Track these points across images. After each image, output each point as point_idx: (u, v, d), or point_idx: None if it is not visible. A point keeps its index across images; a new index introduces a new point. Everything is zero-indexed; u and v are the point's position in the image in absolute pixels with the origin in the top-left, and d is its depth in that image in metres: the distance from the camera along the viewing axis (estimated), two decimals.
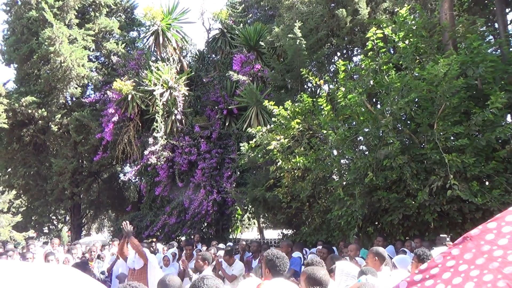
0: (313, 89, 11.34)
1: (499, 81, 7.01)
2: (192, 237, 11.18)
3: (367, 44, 7.79)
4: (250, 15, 15.10)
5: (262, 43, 11.77)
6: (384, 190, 7.40)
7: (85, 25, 15.74)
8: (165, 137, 12.41)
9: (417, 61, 7.64)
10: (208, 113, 13.46)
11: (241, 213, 13.19)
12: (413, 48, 7.36)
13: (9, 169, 16.18)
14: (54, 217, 19.14)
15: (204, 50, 15.65)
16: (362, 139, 8.13)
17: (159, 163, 12.28)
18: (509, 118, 7.56)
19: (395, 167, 6.97)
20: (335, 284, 3.20)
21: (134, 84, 12.86)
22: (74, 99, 15.96)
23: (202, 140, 12.56)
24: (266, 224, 17.04)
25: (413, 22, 7.63)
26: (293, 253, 6.15)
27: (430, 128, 6.90)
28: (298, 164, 8.07)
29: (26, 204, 18.28)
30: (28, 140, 15.34)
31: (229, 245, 8.68)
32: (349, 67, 8.22)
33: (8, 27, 16.05)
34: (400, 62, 7.56)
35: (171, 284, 2.66)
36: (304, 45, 9.72)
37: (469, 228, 6.61)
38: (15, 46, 15.16)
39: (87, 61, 15.06)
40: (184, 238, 12.14)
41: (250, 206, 12.11)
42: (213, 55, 15.43)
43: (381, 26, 8.06)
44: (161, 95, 12.49)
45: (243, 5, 15.44)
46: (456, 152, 6.50)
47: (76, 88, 15.13)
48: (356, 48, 11.37)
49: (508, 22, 8.93)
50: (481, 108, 6.55)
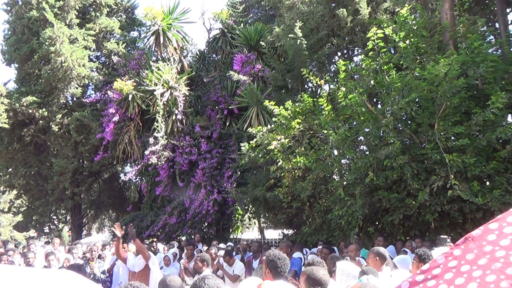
0: (313, 89, 11.34)
1: (500, 81, 7.01)
2: (193, 237, 11.18)
3: (367, 44, 7.79)
4: (251, 15, 15.09)
5: (262, 43, 11.79)
6: (384, 190, 7.40)
7: (86, 25, 15.76)
8: (166, 137, 12.41)
9: (418, 61, 7.63)
10: (208, 113, 13.45)
11: (242, 213, 13.19)
12: (413, 48, 7.36)
13: (10, 169, 16.19)
14: (55, 217, 19.16)
15: (205, 50, 15.65)
16: (363, 139, 8.13)
17: (159, 163, 12.29)
18: (509, 118, 7.54)
19: (395, 167, 6.97)
20: (336, 284, 3.20)
21: (134, 84, 12.87)
22: (74, 99, 15.97)
23: (203, 140, 12.56)
24: (267, 224, 17.05)
25: (413, 22, 7.63)
26: (294, 253, 6.15)
27: (431, 128, 6.90)
28: (299, 164, 8.06)
29: (26, 204, 18.32)
30: (29, 140, 15.36)
31: (229, 245, 8.68)
32: (350, 67, 8.21)
33: (8, 27, 16.07)
34: (401, 62, 7.56)
35: (171, 284, 2.66)
36: (304, 45, 9.72)
37: (469, 228, 6.62)
38: (15, 46, 15.18)
39: (88, 61, 15.08)
40: (184, 238, 12.15)
41: (250, 206, 12.12)
42: (214, 55, 15.42)
43: (381, 26, 8.06)
44: (162, 95, 12.50)
45: (243, 5, 15.44)
46: (456, 152, 6.50)
47: (77, 88, 15.14)
48: (357, 48, 11.36)
49: (509, 22, 8.91)
50: (482, 108, 6.55)
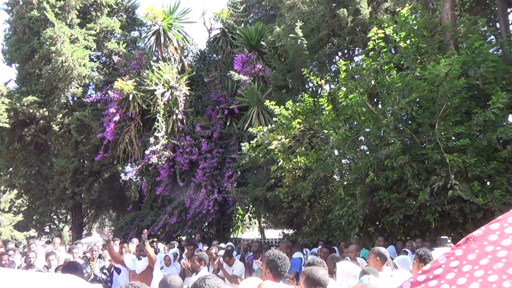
0: (314, 89, 11.33)
1: (501, 81, 7.00)
2: (193, 236, 11.18)
3: (368, 44, 7.79)
4: (251, 14, 15.10)
5: (263, 43, 11.79)
6: (385, 190, 7.40)
7: (87, 24, 15.77)
8: (166, 136, 12.42)
9: (419, 61, 7.63)
10: (209, 112, 13.46)
11: (242, 212, 13.20)
12: (414, 48, 7.35)
13: (11, 169, 16.20)
14: (55, 217, 19.15)
15: (205, 50, 15.65)
16: (363, 139, 8.12)
17: (160, 162, 12.29)
18: (510, 118, 7.53)
19: (396, 167, 6.97)
20: (336, 285, 3.21)
21: (135, 83, 12.88)
22: (75, 98, 15.98)
23: (203, 139, 12.56)
24: (267, 224, 17.05)
25: (414, 22, 7.62)
26: (294, 253, 6.15)
27: (431, 128, 6.90)
28: (299, 164, 8.06)
29: (27, 203, 18.33)
30: (30, 139, 15.37)
31: (229, 245, 8.68)
32: (350, 67, 8.21)
33: (9, 26, 16.08)
34: (402, 62, 7.55)
35: (172, 284, 2.67)
36: (305, 45, 9.71)
37: (470, 228, 6.62)
38: (16, 45, 15.18)
39: (88, 61, 15.09)
40: (185, 237, 12.15)
41: (251, 206, 12.11)
42: (214, 55, 15.43)
43: (382, 26, 8.06)
44: (162, 94, 12.51)
45: (244, 5, 15.45)
46: (457, 152, 6.49)
47: (78, 87, 15.14)
48: (357, 48, 11.35)
49: (510, 22, 8.90)
50: (483, 108, 6.55)
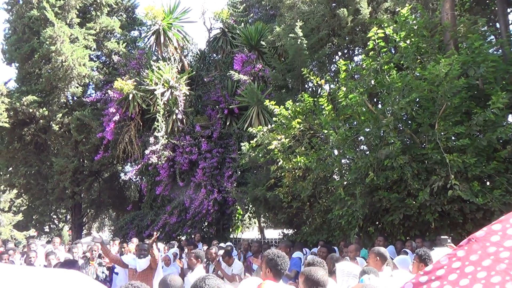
0: (314, 88, 11.33)
1: (500, 81, 7.00)
2: (193, 236, 11.18)
3: (368, 43, 7.79)
4: (251, 14, 15.09)
5: (263, 43, 11.79)
6: (385, 190, 7.40)
7: (86, 24, 15.76)
8: (166, 136, 12.41)
9: (418, 61, 7.63)
10: (209, 112, 13.45)
11: (242, 212, 13.20)
12: (414, 48, 7.35)
13: (10, 168, 16.19)
14: (55, 216, 19.15)
15: (205, 50, 15.64)
16: (363, 139, 8.12)
17: (160, 162, 12.29)
18: (510, 118, 7.53)
19: (396, 167, 6.97)
20: (337, 285, 3.20)
21: (135, 83, 12.87)
22: (75, 98, 15.97)
23: (203, 139, 12.56)
24: (267, 224, 17.04)
25: (414, 22, 7.62)
26: (294, 253, 6.16)
27: (431, 128, 6.90)
28: (299, 164, 8.06)
29: (27, 203, 18.31)
30: (29, 139, 15.36)
31: (228, 245, 8.68)
32: (350, 67, 8.21)
33: (9, 26, 16.07)
34: (401, 62, 7.55)
35: (172, 284, 2.67)
36: (305, 45, 9.71)
37: (470, 228, 6.63)
38: (16, 45, 15.18)
39: (88, 61, 15.09)
40: (184, 237, 12.15)
41: (250, 206, 12.11)
42: (214, 55, 15.42)
43: (382, 25, 8.06)
44: (162, 94, 12.50)
45: (244, 4, 15.44)
46: (457, 152, 6.49)
47: (77, 87, 15.13)
48: (357, 48, 11.35)
49: (510, 22, 8.90)
50: (482, 108, 6.55)
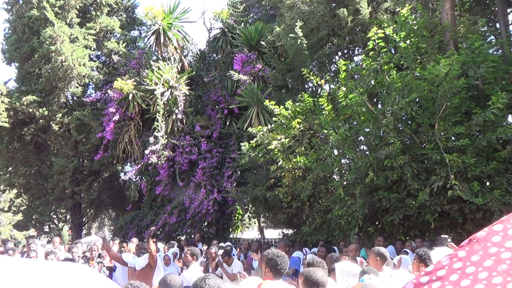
0: (314, 88, 11.33)
1: (500, 82, 7.00)
2: (193, 236, 11.19)
3: (368, 44, 7.79)
4: (251, 14, 15.09)
5: (263, 43, 11.79)
6: (384, 190, 7.40)
7: (86, 24, 15.74)
8: (166, 136, 12.41)
9: (418, 61, 7.63)
10: (209, 112, 13.45)
11: (242, 212, 13.19)
12: (414, 48, 7.35)
13: (10, 168, 16.18)
14: (55, 216, 19.14)
15: (205, 50, 15.63)
16: (363, 139, 8.13)
17: (159, 162, 12.28)
18: (510, 119, 7.54)
19: (395, 167, 6.97)
20: (336, 285, 3.21)
21: (135, 83, 12.87)
22: (75, 98, 15.96)
23: (203, 139, 12.55)
24: (267, 224, 17.04)
25: (414, 22, 7.62)
26: (294, 253, 6.16)
27: (431, 128, 6.90)
28: (299, 164, 8.06)
29: (26, 203, 18.31)
30: (29, 139, 15.35)
31: (228, 245, 8.69)
32: (350, 67, 8.21)
33: (9, 26, 16.05)
34: (401, 62, 7.55)
35: (172, 283, 2.68)
36: (305, 45, 9.71)
37: (469, 229, 6.63)
38: (16, 45, 15.16)
39: (88, 60, 15.07)
40: (184, 237, 12.15)
41: (250, 206, 12.11)
42: (214, 55, 15.41)
43: (382, 26, 8.06)
44: (162, 94, 12.50)
45: (244, 4, 15.44)
46: (457, 152, 6.49)
47: (77, 87, 15.12)
48: (357, 48, 11.35)
49: (510, 22, 8.90)
50: (482, 108, 6.55)
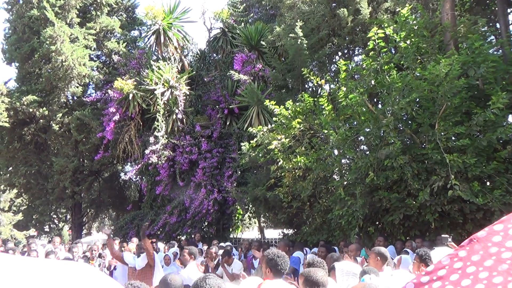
0: (314, 88, 11.33)
1: (501, 82, 7.00)
2: (193, 236, 11.19)
3: (368, 44, 7.79)
4: (251, 14, 15.08)
5: (263, 43, 11.78)
6: (385, 190, 7.40)
7: (87, 24, 15.75)
8: (166, 136, 12.41)
9: (419, 61, 7.63)
10: (209, 112, 13.45)
11: (242, 212, 13.19)
12: (414, 48, 7.35)
13: (10, 168, 16.20)
14: (55, 216, 19.14)
15: (205, 50, 15.63)
16: (363, 139, 8.13)
17: (160, 162, 12.29)
18: (510, 119, 7.54)
19: (396, 167, 6.97)
20: (337, 285, 3.20)
21: (135, 83, 12.87)
22: (75, 98, 15.97)
23: (203, 139, 12.56)
24: (267, 224, 17.04)
25: (414, 22, 7.62)
26: (294, 253, 6.16)
27: (431, 128, 6.90)
28: (299, 164, 8.06)
29: (27, 202, 18.31)
30: (29, 139, 15.36)
31: (228, 245, 8.69)
32: (350, 67, 8.21)
33: (9, 25, 16.06)
34: (402, 62, 7.55)
35: (172, 283, 2.68)
36: (305, 45, 9.71)
37: (470, 229, 6.62)
38: (16, 44, 15.17)
39: (88, 60, 15.08)
40: (184, 237, 12.15)
41: (250, 206, 12.11)
42: (214, 55, 15.41)
43: (382, 26, 8.06)
44: (162, 94, 12.50)
45: (244, 4, 15.44)
46: (457, 152, 6.49)
47: (77, 87, 15.13)
48: (357, 48, 11.35)
49: (510, 22, 8.90)
50: (483, 108, 6.55)
